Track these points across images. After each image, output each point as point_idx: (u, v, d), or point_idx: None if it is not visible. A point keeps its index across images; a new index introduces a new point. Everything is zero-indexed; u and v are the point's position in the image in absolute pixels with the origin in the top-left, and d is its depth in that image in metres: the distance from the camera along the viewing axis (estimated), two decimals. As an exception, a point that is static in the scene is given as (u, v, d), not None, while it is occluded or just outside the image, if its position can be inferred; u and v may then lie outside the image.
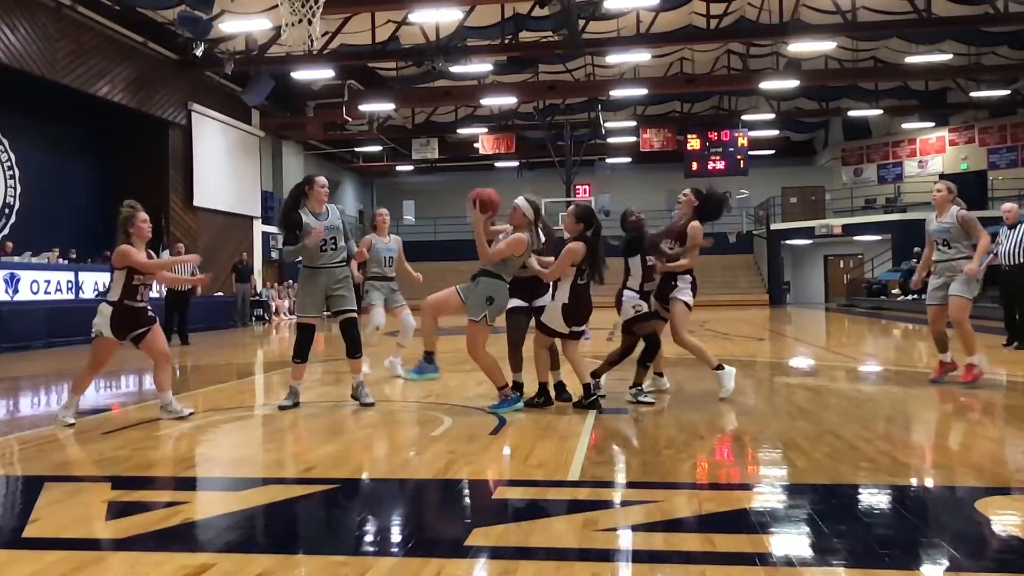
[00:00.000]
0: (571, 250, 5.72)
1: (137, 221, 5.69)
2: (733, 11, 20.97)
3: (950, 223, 6.88)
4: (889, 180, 31.63)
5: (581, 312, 5.82)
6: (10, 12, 14.77)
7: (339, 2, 17.04)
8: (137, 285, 5.63)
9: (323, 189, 6.29)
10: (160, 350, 5.81)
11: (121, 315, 5.57)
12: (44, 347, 13.46)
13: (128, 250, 5.58)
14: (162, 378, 5.86)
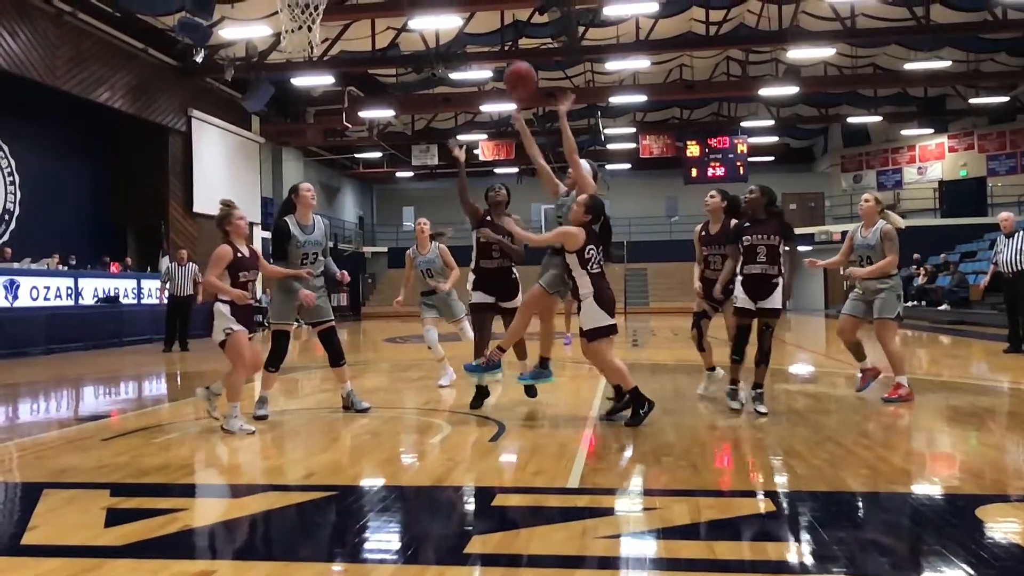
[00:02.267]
0: (566, 232, 5.48)
1: (233, 219, 5.66)
2: (732, 18, 21.02)
3: (874, 240, 6.61)
4: (889, 187, 31.65)
5: (609, 300, 5.52)
6: (11, 18, 14.79)
7: (339, 9, 17.09)
8: (244, 282, 5.61)
9: (308, 193, 6.26)
10: (258, 360, 5.89)
11: (239, 309, 5.57)
12: (43, 353, 13.46)
13: (215, 257, 5.55)
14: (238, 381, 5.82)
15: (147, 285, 17.31)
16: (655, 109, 29.51)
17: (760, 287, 6.01)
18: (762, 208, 6.10)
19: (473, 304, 6.18)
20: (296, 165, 29.25)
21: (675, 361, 10.63)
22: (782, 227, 6.06)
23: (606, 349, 5.49)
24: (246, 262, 5.64)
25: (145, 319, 16.44)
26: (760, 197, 6.11)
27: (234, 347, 5.53)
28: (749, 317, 6.09)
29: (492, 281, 6.14)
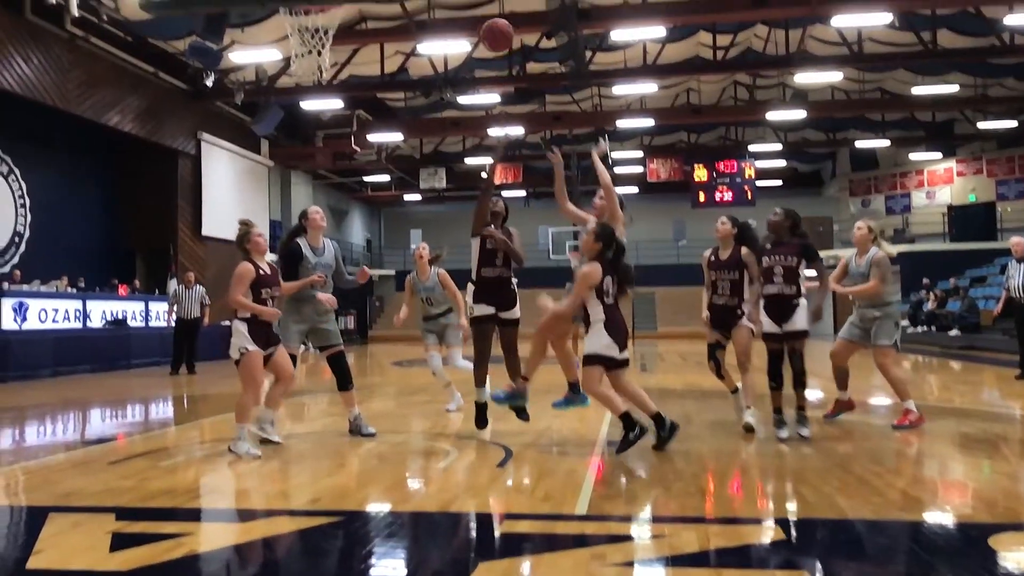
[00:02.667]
0: (585, 274, 5.35)
1: (252, 236, 5.71)
2: (739, 43, 21.12)
3: (866, 268, 6.57)
4: (897, 211, 31.59)
5: (622, 330, 5.42)
6: (25, 44, 14.95)
7: (349, 34, 17.24)
8: (265, 299, 5.63)
9: (317, 216, 6.35)
10: (288, 371, 5.83)
11: (257, 327, 5.58)
12: (51, 376, 13.48)
13: (238, 275, 5.57)
14: (277, 395, 5.94)
15: (155, 308, 17.35)
16: (662, 133, 29.61)
17: (779, 308, 6.01)
18: (786, 231, 6.13)
19: (475, 317, 6.08)
20: (305, 188, 29.38)
21: (684, 386, 10.58)
22: (803, 249, 6.06)
23: (598, 377, 5.36)
24: (267, 279, 5.66)
25: (153, 342, 16.47)
26: (784, 220, 6.16)
27: (246, 367, 5.53)
28: (776, 342, 6.08)
29: (493, 290, 6.05)
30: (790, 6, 16.71)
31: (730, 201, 28.52)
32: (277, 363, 5.75)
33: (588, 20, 16.39)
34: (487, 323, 6.06)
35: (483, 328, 6.06)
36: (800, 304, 6.02)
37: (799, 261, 6.00)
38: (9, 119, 16.05)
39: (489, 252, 6.03)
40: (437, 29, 16.82)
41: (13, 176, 16.86)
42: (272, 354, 5.70)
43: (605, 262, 5.42)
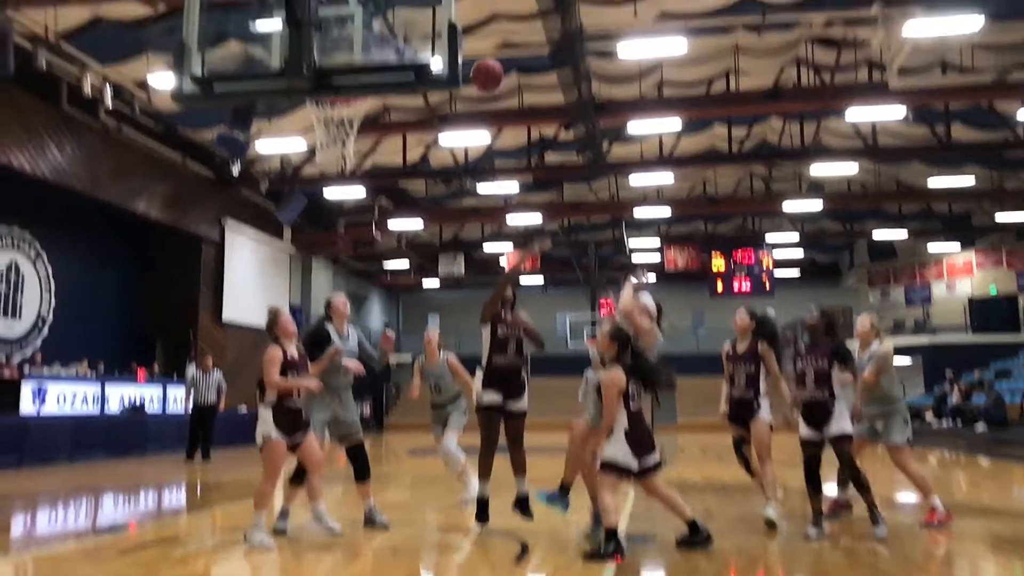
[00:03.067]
0: (610, 383, 5.16)
1: (281, 321, 5.77)
2: (755, 135, 21.46)
3: (868, 362, 6.56)
4: (917, 302, 31.42)
5: (645, 438, 5.20)
6: (60, 133, 15.44)
7: (372, 125, 17.68)
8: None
9: (341, 303, 6.45)
10: (315, 460, 5.76)
11: (282, 415, 5.54)
12: (67, 461, 13.39)
13: (268, 359, 5.59)
14: (316, 485, 5.86)
15: (173, 393, 17.36)
16: (680, 222, 29.84)
17: (815, 414, 5.93)
18: (821, 333, 6.10)
19: (484, 406, 5.94)
20: (325, 274, 29.69)
21: (704, 480, 10.37)
22: (836, 351, 5.98)
23: (608, 484, 5.14)
24: (295, 363, 5.66)
25: (170, 427, 16.41)
26: (819, 321, 6.13)
27: (268, 455, 5.50)
28: (813, 447, 5.96)
29: (503, 379, 5.94)
30: (804, 100, 17.04)
31: (748, 291, 28.50)
32: (305, 451, 5.68)
33: (605, 113, 16.76)
34: (494, 412, 5.92)
35: (490, 417, 5.92)
36: (837, 408, 5.90)
37: (831, 364, 5.92)
38: (40, 205, 16.43)
39: (500, 340, 5.97)
40: (458, 121, 17.24)
41: (41, 261, 17.16)
42: (300, 443, 5.63)
43: (625, 364, 5.27)
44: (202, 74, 3.87)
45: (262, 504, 5.45)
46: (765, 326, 6.51)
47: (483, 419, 5.94)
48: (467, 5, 12.88)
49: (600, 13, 13.46)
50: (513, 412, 5.97)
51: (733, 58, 16.52)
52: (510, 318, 6.05)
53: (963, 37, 13.22)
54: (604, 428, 5.20)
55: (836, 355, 5.96)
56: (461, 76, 3.73)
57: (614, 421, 5.16)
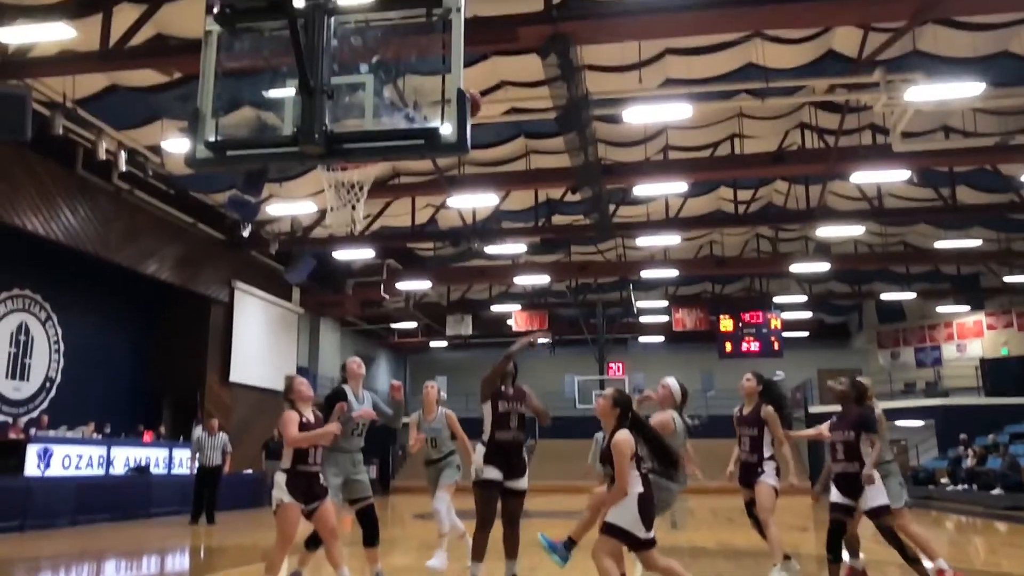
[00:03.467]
0: (620, 446, 4.93)
1: (295, 386, 5.77)
2: (760, 197, 21.63)
3: None
4: (928, 364, 31.19)
5: (651, 509, 4.96)
6: (73, 196, 15.66)
7: (382, 188, 17.91)
8: (307, 448, 5.56)
9: (355, 365, 6.47)
10: (330, 527, 5.66)
11: (296, 480, 5.50)
12: (70, 525, 13.24)
13: (283, 420, 5.59)
14: (335, 555, 5.72)
15: (178, 455, 17.24)
16: (687, 283, 29.90)
17: (847, 486, 5.87)
18: (851, 402, 6.07)
19: (483, 480, 5.80)
20: (333, 335, 29.72)
21: (716, 544, 10.18)
22: (860, 420, 5.94)
23: (610, 549, 4.88)
24: (310, 426, 5.63)
25: (175, 490, 16.26)
26: (849, 390, 6.12)
27: (280, 520, 5.45)
28: (840, 512, 5.90)
29: (505, 455, 5.83)
30: (808, 163, 17.20)
31: (757, 352, 28.38)
32: (320, 519, 5.61)
33: (611, 176, 16.94)
34: (493, 489, 5.78)
35: (489, 493, 5.77)
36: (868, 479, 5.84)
37: (857, 435, 5.87)
38: (51, 266, 16.59)
39: (502, 415, 5.88)
40: (466, 184, 17.45)
41: (51, 322, 17.24)
42: (316, 509, 5.56)
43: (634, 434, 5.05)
44: (215, 140, 3.94)
45: (272, 570, 5.39)
46: (771, 390, 6.55)
47: (481, 495, 5.79)
48: (476, 72, 13.16)
49: (606, 79, 13.72)
50: (513, 491, 5.83)
51: (737, 122, 16.78)
52: (511, 392, 5.97)
53: (964, 102, 13.40)
54: (617, 493, 4.92)
55: (861, 425, 5.90)
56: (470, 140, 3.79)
57: (627, 485, 4.89)
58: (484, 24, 10.37)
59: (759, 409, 6.51)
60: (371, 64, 3.91)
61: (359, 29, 3.97)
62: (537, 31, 10.38)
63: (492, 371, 6.00)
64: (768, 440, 6.50)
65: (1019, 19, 12.12)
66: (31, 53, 11.64)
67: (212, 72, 4.01)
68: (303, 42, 3.73)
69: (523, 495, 5.87)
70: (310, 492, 5.53)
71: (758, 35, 12.90)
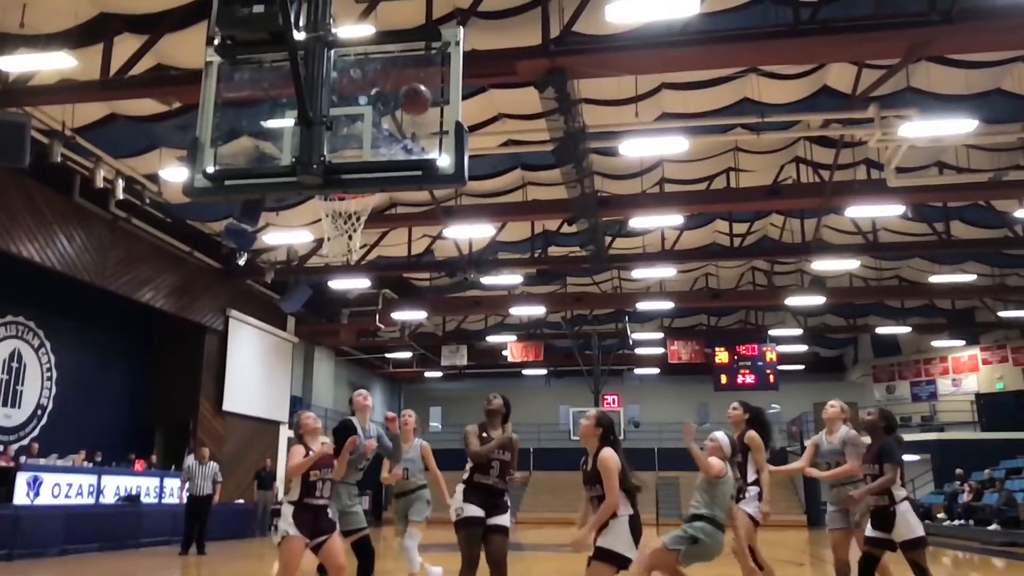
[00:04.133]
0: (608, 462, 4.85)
1: (302, 420, 5.78)
2: (756, 231, 21.71)
3: (840, 445, 6.58)
4: (923, 398, 31.16)
5: (640, 530, 4.87)
6: (69, 224, 15.67)
7: (379, 218, 17.97)
8: (315, 481, 5.50)
9: (360, 397, 6.47)
10: (337, 562, 5.56)
11: (303, 512, 5.45)
12: (58, 554, 13.05)
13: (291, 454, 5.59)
14: None
15: (169, 484, 17.08)
16: (682, 315, 29.93)
17: (880, 518, 5.87)
18: (880, 432, 6.05)
19: (464, 519, 5.61)
20: (327, 364, 29.61)
21: None
22: (880, 451, 5.95)
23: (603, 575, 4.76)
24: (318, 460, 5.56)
25: (165, 519, 16.08)
26: (878, 420, 6.10)
27: (283, 552, 5.43)
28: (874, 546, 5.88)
29: (484, 496, 5.67)
30: (803, 197, 17.32)
31: (752, 384, 28.33)
32: (326, 553, 5.54)
33: (607, 208, 17.03)
34: (476, 527, 5.60)
35: (471, 532, 5.59)
36: (900, 510, 5.82)
37: (882, 466, 5.88)
38: (46, 293, 16.54)
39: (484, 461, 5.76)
40: (463, 215, 17.50)
41: (43, 350, 17.17)
42: (323, 543, 5.50)
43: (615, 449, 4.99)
44: (214, 169, 3.95)
45: None
46: (758, 418, 6.68)
47: (463, 535, 5.61)
48: (473, 104, 13.26)
49: (603, 112, 13.84)
50: (495, 528, 5.62)
51: (733, 156, 16.90)
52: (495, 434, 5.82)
53: (958, 138, 13.53)
54: (607, 510, 4.77)
55: (881, 456, 5.91)
56: (467, 171, 3.81)
57: (617, 503, 4.77)
58: (482, 57, 10.48)
59: (742, 437, 6.61)
60: (370, 96, 3.95)
61: (359, 61, 4.01)
62: (535, 64, 10.48)
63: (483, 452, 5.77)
64: (752, 467, 6.59)
65: (1011, 57, 12.29)
66: (31, 81, 11.70)
67: (212, 102, 4.04)
68: (303, 74, 3.76)
69: (506, 532, 5.67)
70: (316, 526, 5.48)
71: (753, 71, 13.05)
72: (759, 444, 6.60)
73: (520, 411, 6.03)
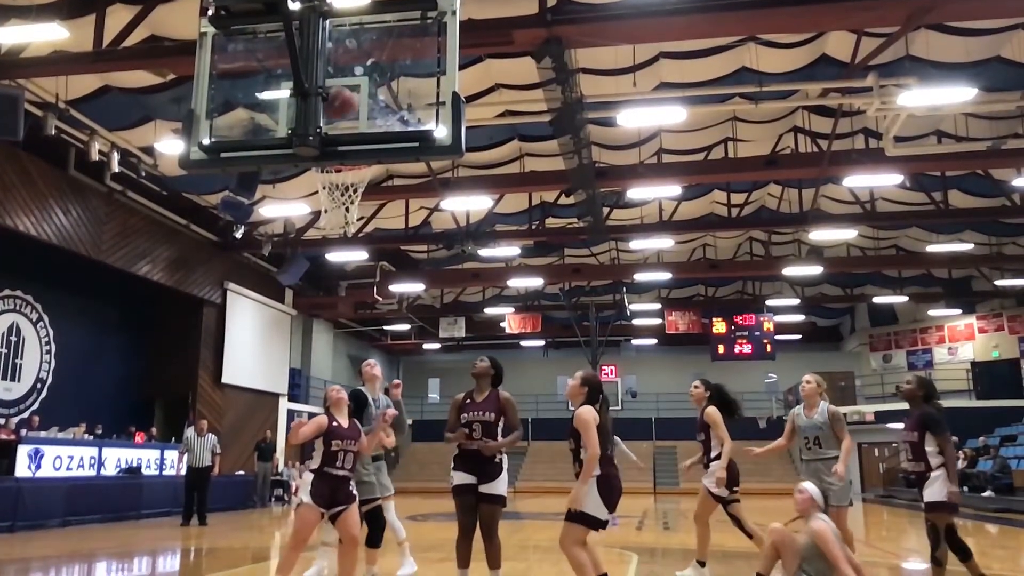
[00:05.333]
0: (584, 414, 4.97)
1: (328, 394, 5.77)
2: (753, 201, 21.68)
3: (821, 420, 6.65)
4: (919, 367, 31.28)
5: (614, 488, 4.97)
6: (65, 197, 15.61)
7: (376, 190, 17.91)
8: (336, 451, 5.50)
9: (368, 367, 6.56)
10: (350, 534, 5.55)
11: (320, 481, 5.48)
12: (60, 526, 13.19)
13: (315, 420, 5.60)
14: (346, 565, 5.56)
15: (170, 456, 17.19)
16: (680, 286, 29.97)
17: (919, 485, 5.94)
18: (919, 400, 6.04)
19: (456, 487, 5.62)
20: (326, 337, 29.67)
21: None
22: (922, 420, 5.92)
23: (576, 536, 4.91)
24: (340, 431, 5.57)
25: (166, 491, 16.22)
26: (916, 389, 6.08)
27: (297, 519, 5.52)
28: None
29: (472, 461, 5.61)
30: (801, 167, 17.28)
31: (749, 354, 28.49)
32: (342, 524, 5.53)
33: (605, 179, 16.97)
34: (467, 494, 5.56)
35: (463, 500, 5.57)
36: (933, 476, 5.83)
37: (921, 435, 5.86)
38: (43, 267, 16.53)
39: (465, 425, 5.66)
40: (460, 186, 17.44)
41: (42, 323, 17.18)
42: (339, 513, 5.50)
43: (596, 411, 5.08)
44: (210, 141, 3.94)
45: (282, 569, 5.40)
46: (719, 395, 6.98)
47: (456, 503, 5.63)
48: (470, 75, 13.16)
49: (600, 82, 13.75)
50: (486, 496, 5.55)
51: (731, 126, 16.82)
52: (479, 400, 5.73)
53: (956, 106, 13.47)
54: (591, 461, 4.86)
55: (925, 425, 5.89)
56: (464, 143, 3.80)
57: (598, 452, 4.87)
58: (479, 27, 10.37)
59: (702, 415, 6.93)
60: (366, 66, 3.92)
61: (354, 31, 3.97)
62: (531, 34, 10.39)
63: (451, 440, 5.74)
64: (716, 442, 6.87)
65: (1011, 24, 12.19)
66: (24, 53, 11.59)
67: (207, 74, 4.01)
68: (298, 44, 3.74)
69: (498, 500, 5.58)
70: (334, 496, 5.48)
71: (752, 39, 12.94)
72: (717, 420, 6.86)
73: (518, 382, 6.06)
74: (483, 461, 5.59)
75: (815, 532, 5.11)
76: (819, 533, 5.07)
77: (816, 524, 5.13)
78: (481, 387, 5.81)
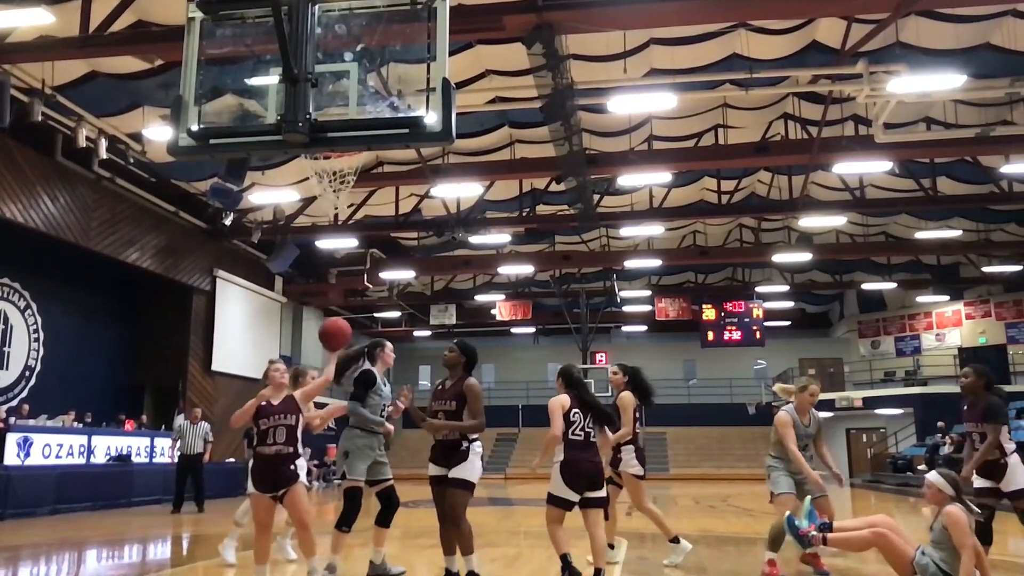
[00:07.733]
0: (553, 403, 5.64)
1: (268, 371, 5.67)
2: (744, 188, 21.72)
3: (814, 431, 6.71)
4: (907, 353, 31.49)
5: (576, 472, 5.36)
6: (53, 184, 15.50)
7: (366, 176, 17.83)
8: (266, 429, 5.30)
9: (388, 354, 6.51)
10: (297, 516, 5.38)
11: (256, 464, 5.34)
12: (50, 513, 13.15)
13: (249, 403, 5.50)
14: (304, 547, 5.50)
15: (160, 443, 17.17)
16: (670, 273, 30.04)
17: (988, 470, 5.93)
18: (981, 390, 6.00)
19: (430, 477, 5.64)
20: (316, 324, 29.56)
21: (698, 532, 10.23)
22: (985, 411, 5.92)
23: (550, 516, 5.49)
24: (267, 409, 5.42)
25: (156, 478, 16.19)
26: (976, 380, 6.03)
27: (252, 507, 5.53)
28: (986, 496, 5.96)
29: (440, 451, 5.61)
30: (791, 154, 17.30)
31: (739, 340, 28.60)
32: (287, 505, 5.33)
33: (596, 166, 16.95)
34: (439, 484, 5.59)
35: (435, 491, 5.63)
36: (1010, 462, 5.86)
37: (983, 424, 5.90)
38: (30, 254, 16.43)
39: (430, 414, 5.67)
40: (450, 173, 17.40)
41: (30, 311, 17.09)
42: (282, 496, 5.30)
43: (573, 396, 5.62)
44: (198, 128, 3.92)
45: (257, 559, 5.35)
46: (635, 380, 7.00)
47: (432, 492, 5.67)
48: (460, 61, 13.11)
49: (591, 69, 13.71)
50: (449, 480, 5.49)
51: (721, 112, 16.81)
52: (445, 388, 5.67)
53: (946, 93, 13.50)
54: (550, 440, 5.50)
55: (985, 416, 5.90)
56: (455, 129, 3.79)
57: (560, 431, 5.48)
58: (469, 12, 10.33)
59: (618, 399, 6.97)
60: (355, 52, 3.90)
61: (343, 17, 3.95)
62: (522, 20, 10.35)
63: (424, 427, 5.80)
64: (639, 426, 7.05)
65: (1000, 11, 12.21)
66: (9, 38, 11.47)
67: (195, 59, 3.99)
68: (287, 30, 3.71)
69: (460, 484, 5.48)
70: (273, 479, 5.26)
71: (742, 25, 12.93)
72: (626, 404, 6.89)
73: (509, 369, 6.11)
74: (448, 449, 5.56)
75: (951, 516, 5.10)
76: (955, 519, 5.08)
77: (952, 509, 5.14)
78: (453, 375, 5.74)
